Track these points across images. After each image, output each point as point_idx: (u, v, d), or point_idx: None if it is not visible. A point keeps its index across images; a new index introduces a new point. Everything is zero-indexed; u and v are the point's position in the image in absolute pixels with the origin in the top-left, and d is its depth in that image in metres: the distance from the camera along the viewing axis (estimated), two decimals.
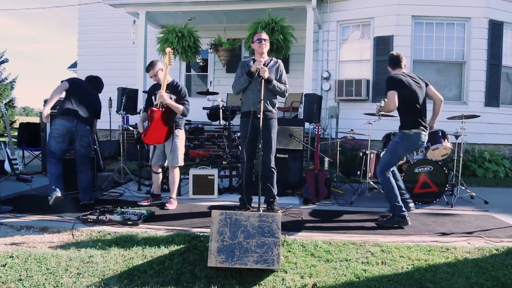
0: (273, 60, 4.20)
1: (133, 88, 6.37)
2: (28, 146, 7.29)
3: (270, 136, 4.14)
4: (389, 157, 3.97)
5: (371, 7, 7.58)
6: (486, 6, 7.18)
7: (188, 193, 4.91)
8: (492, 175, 6.83)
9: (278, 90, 4.09)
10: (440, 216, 4.28)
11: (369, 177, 5.15)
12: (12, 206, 4.16)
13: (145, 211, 3.91)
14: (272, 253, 2.68)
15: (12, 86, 19.31)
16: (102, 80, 4.86)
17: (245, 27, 7.68)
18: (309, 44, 7.43)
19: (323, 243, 3.25)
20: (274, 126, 4.18)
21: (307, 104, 6.12)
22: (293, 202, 4.81)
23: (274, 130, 4.18)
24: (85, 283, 2.47)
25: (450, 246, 3.27)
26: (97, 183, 5.30)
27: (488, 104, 7.30)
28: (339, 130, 7.72)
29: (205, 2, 7.57)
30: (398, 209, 3.84)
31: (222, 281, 2.54)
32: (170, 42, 7.61)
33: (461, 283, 2.58)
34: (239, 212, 2.91)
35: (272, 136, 4.16)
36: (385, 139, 5.28)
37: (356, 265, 2.83)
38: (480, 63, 7.25)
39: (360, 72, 7.79)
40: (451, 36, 7.32)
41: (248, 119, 4.04)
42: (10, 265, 2.71)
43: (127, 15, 8.39)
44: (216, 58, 9.11)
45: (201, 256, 2.91)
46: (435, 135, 4.87)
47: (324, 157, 5.71)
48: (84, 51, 10.35)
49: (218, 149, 7.42)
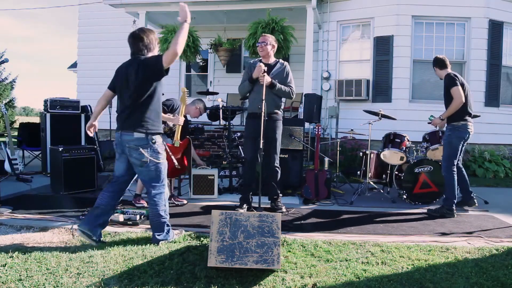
0: (280, 62, 4.25)
1: None
2: (28, 146, 7.29)
3: (275, 137, 4.23)
4: (448, 151, 4.28)
5: (371, 7, 7.58)
6: (486, 6, 7.18)
7: (188, 193, 4.92)
8: (492, 175, 6.83)
9: (284, 92, 4.18)
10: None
11: (369, 177, 5.15)
12: (12, 206, 4.15)
13: (145, 211, 3.91)
14: (272, 253, 2.68)
15: (12, 86, 19.33)
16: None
17: (245, 27, 7.68)
18: (309, 44, 7.43)
19: (323, 243, 3.25)
20: (279, 127, 4.27)
21: (307, 104, 6.12)
22: (293, 202, 4.81)
23: (279, 131, 4.27)
24: (85, 283, 2.47)
25: (450, 246, 3.27)
26: (97, 183, 5.30)
27: (488, 104, 7.30)
28: (339, 130, 7.72)
29: (205, 2, 7.57)
30: (450, 203, 4.21)
31: (222, 281, 2.54)
32: (170, 42, 7.60)
33: (461, 283, 2.58)
34: (239, 212, 2.91)
35: (277, 137, 4.25)
36: (385, 139, 5.28)
37: (356, 265, 2.83)
38: (480, 63, 7.25)
39: (360, 72, 7.79)
40: (451, 36, 7.31)
41: (253, 120, 4.09)
42: (10, 265, 2.71)
43: (127, 15, 8.40)
44: (216, 58, 9.11)
45: (201, 256, 2.91)
46: (435, 135, 4.88)
47: (324, 157, 5.71)
48: (84, 51, 10.35)
49: (218, 149, 7.42)
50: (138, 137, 3.06)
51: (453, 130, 4.26)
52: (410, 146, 5.13)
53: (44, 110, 6.31)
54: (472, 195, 4.57)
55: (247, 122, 4.32)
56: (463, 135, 4.27)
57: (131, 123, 3.07)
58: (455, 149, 4.28)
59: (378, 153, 5.19)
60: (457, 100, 4.17)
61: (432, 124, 4.45)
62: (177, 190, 5.02)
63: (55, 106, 6.30)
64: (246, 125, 4.35)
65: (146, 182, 3.19)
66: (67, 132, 6.35)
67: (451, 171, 4.26)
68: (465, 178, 4.55)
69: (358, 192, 4.95)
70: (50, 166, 5.56)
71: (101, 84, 10.90)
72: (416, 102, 7.34)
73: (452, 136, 4.26)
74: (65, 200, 4.67)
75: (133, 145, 3.07)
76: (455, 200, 4.25)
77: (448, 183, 4.29)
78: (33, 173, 6.31)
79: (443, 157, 4.35)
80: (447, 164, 4.28)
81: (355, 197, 4.86)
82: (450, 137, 4.27)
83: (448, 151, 4.28)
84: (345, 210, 4.50)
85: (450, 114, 4.23)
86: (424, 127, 5.46)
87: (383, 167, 5.28)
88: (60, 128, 6.30)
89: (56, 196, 4.83)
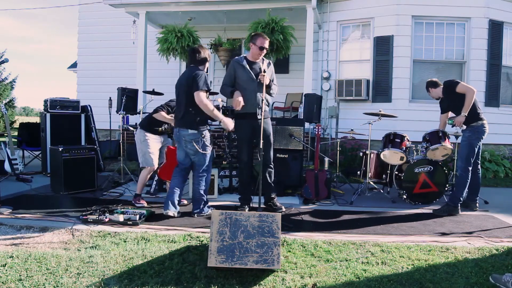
0: (266, 61, 4.23)
1: (133, 88, 6.37)
2: (28, 146, 7.29)
3: (271, 135, 4.25)
4: (467, 151, 4.33)
5: (371, 7, 7.58)
6: (486, 6, 7.17)
7: (188, 193, 4.91)
8: (492, 175, 6.83)
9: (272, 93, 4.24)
10: (440, 216, 4.28)
11: (369, 177, 5.15)
12: (12, 206, 4.16)
13: (145, 211, 3.91)
14: (272, 253, 2.68)
15: (12, 86, 19.30)
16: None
17: (245, 27, 7.67)
18: (309, 44, 7.42)
19: (323, 243, 3.25)
20: (271, 125, 4.34)
21: (307, 104, 6.12)
22: (293, 202, 4.81)
23: (271, 129, 4.33)
24: (85, 283, 2.47)
25: (450, 246, 3.27)
26: (97, 183, 5.30)
27: (488, 104, 7.29)
28: (339, 130, 7.71)
29: (205, 2, 7.57)
30: (456, 201, 4.33)
31: (222, 281, 2.54)
32: (169, 42, 7.61)
33: (461, 283, 2.58)
34: (239, 212, 2.91)
35: (271, 136, 4.27)
36: (385, 139, 5.28)
37: (356, 265, 2.83)
38: (480, 63, 7.25)
39: (360, 72, 7.79)
40: (451, 36, 7.31)
41: (247, 121, 4.08)
42: (10, 265, 2.71)
43: (127, 15, 8.39)
44: (216, 58, 9.10)
45: (201, 256, 2.91)
46: (435, 135, 4.87)
47: (324, 157, 5.71)
48: (84, 51, 10.35)
49: (218, 149, 7.41)
50: (191, 133, 3.85)
51: (472, 131, 4.32)
52: (410, 146, 5.12)
53: (44, 110, 6.31)
54: (477, 200, 4.61)
55: (240, 123, 4.17)
56: (481, 136, 4.35)
57: (186, 122, 3.87)
58: (473, 150, 4.35)
59: (378, 153, 5.19)
60: (470, 92, 4.23)
61: (456, 124, 4.41)
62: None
63: (55, 106, 6.29)
64: (240, 126, 4.18)
65: (197, 165, 4.01)
66: (67, 132, 6.36)
67: (467, 171, 4.33)
68: (479, 181, 4.61)
69: (358, 192, 4.95)
70: (50, 166, 5.56)
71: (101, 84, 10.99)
72: (416, 102, 7.33)
73: (472, 137, 4.32)
74: (65, 200, 4.67)
75: (188, 139, 3.87)
76: (461, 199, 4.37)
77: (460, 182, 4.36)
78: (33, 173, 6.31)
79: (461, 157, 4.38)
80: (465, 164, 4.33)
81: (355, 197, 4.86)
82: (470, 138, 4.33)
83: (468, 152, 4.32)
84: (345, 210, 4.50)
85: (469, 107, 4.26)
86: (424, 127, 5.46)
87: (383, 167, 5.28)
88: (60, 128, 6.30)
89: (56, 196, 4.83)
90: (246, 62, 4.11)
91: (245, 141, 4.20)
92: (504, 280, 2.50)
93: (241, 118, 4.18)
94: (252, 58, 4.16)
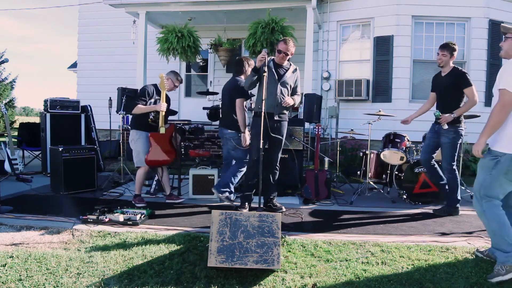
0: (292, 67, 4.25)
1: (133, 88, 6.36)
2: (28, 146, 7.29)
3: (283, 137, 4.29)
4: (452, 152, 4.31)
5: (371, 7, 7.58)
6: (486, 6, 7.18)
7: (188, 193, 4.92)
8: None
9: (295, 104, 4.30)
10: (440, 216, 4.28)
11: (369, 177, 5.15)
12: (12, 206, 4.16)
13: (145, 211, 3.92)
14: (272, 253, 2.68)
15: (12, 86, 19.30)
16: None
17: (245, 27, 7.67)
18: (309, 44, 7.42)
19: (323, 243, 3.26)
20: (286, 127, 4.35)
21: (307, 104, 6.12)
22: (293, 202, 4.81)
23: (285, 131, 4.34)
24: (85, 283, 2.47)
25: (450, 246, 3.27)
26: (97, 183, 5.30)
27: (488, 104, 7.28)
28: (339, 130, 7.72)
29: (205, 2, 7.57)
30: (455, 202, 4.35)
31: (222, 281, 2.54)
32: (169, 42, 7.61)
33: (461, 283, 2.58)
34: (239, 212, 2.91)
35: (283, 138, 4.31)
36: (385, 139, 5.28)
37: (356, 265, 2.83)
38: (480, 63, 7.25)
39: (360, 72, 7.79)
40: (451, 36, 7.31)
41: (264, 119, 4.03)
42: (10, 265, 2.71)
43: (127, 15, 8.39)
44: (216, 58, 9.11)
45: (201, 256, 2.91)
46: None
47: (324, 157, 5.71)
48: (84, 51, 10.35)
49: (218, 149, 7.42)
50: (230, 132, 4.39)
51: (457, 132, 4.27)
52: (410, 146, 5.13)
53: (44, 110, 6.31)
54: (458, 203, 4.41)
55: (256, 120, 4.13)
56: (461, 137, 4.34)
57: (226, 122, 4.44)
58: (456, 149, 4.34)
59: (378, 153, 5.19)
60: (473, 100, 4.17)
61: (441, 121, 4.22)
62: (177, 189, 5.03)
63: (55, 106, 6.30)
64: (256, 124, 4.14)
65: (235, 158, 4.46)
66: (67, 132, 6.36)
67: (453, 170, 4.33)
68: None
69: (358, 192, 4.95)
70: (50, 166, 5.56)
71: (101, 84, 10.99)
72: (416, 102, 7.32)
73: (457, 138, 4.30)
74: (65, 200, 4.67)
75: (227, 137, 4.43)
76: (459, 198, 4.36)
77: (452, 183, 4.34)
78: (33, 173, 6.31)
79: (446, 159, 4.32)
80: (451, 166, 4.31)
81: (355, 197, 4.86)
82: (455, 139, 4.29)
83: (452, 152, 4.30)
84: (345, 210, 4.50)
85: (463, 113, 4.23)
86: (424, 127, 5.45)
87: (383, 167, 5.28)
88: (60, 128, 6.30)
89: (56, 196, 4.83)
90: (272, 64, 4.13)
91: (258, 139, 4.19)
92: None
93: (258, 117, 4.17)
94: (278, 61, 4.19)
